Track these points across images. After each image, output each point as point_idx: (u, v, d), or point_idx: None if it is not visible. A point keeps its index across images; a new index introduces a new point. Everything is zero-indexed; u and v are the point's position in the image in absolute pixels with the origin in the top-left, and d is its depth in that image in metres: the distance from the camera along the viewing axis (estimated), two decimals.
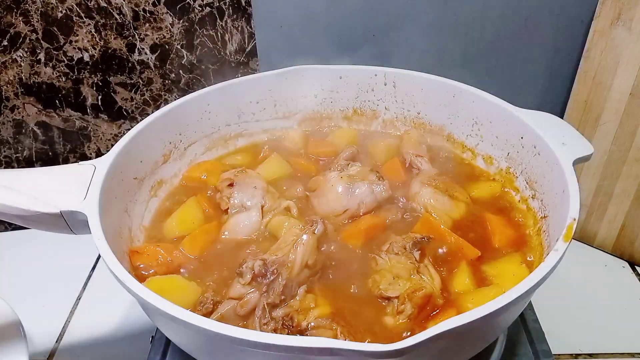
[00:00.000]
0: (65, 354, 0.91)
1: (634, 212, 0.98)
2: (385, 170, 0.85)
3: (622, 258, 1.05)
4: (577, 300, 0.96)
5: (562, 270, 0.60)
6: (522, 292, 0.54)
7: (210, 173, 0.87)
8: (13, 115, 1.07)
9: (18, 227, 1.06)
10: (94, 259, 1.08)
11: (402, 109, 0.96)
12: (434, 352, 0.56)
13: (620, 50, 0.92)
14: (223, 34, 1.02)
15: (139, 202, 0.80)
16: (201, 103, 0.89)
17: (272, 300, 0.63)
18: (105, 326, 0.93)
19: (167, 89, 1.07)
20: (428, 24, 1.01)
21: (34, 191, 0.67)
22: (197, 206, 0.81)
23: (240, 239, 0.75)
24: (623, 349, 0.88)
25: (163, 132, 0.85)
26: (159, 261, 0.71)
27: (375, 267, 0.69)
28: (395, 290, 0.65)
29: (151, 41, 1.01)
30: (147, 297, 0.55)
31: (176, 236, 0.77)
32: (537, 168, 0.77)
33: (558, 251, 0.59)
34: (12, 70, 1.02)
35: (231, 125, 0.94)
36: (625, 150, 0.95)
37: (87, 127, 1.10)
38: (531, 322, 0.78)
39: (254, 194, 0.78)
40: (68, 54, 1.02)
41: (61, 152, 1.12)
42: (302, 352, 0.51)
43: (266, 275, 0.63)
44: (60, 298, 1.00)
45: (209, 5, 0.99)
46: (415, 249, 0.69)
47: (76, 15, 0.98)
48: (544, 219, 0.74)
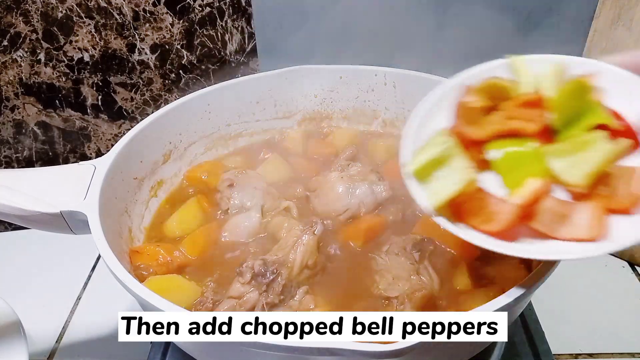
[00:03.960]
0: (65, 354, 0.91)
1: None
2: (385, 170, 0.85)
3: (622, 258, 1.04)
4: (577, 300, 0.96)
5: (562, 270, 0.60)
6: (522, 293, 0.54)
7: (210, 173, 0.87)
8: (13, 115, 1.07)
9: (18, 227, 1.06)
10: (94, 259, 1.08)
11: (402, 109, 0.96)
12: (433, 352, 0.57)
13: (620, 50, 0.92)
14: (223, 34, 1.02)
15: (139, 202, 0.80)
16: (201, 103, 0.89)
17: (271, 299, 0.63)
18: (105, 326, 0.93)
19: (167, 89, 1.07)
20: (428, 23, 1.01)
21: (34, 191, 0.67)
22: (197, 206, 0.81)
23: (240, 239, 0.75)
24: (623, 349, 0.88)
25: (163, 132, 0.85)
26: (159, 261, 0.71)
27: (375, 268, 0.69)
28: (395, 290, 0.65)
29: (151, 41, 1.01)
30: (147, 297, 0.55)
31: (176, 236, 0.77)
32: None
33: None
34: (12, 70, 1.02)
35: (231, 125, 0.94)
36: None
37: (87, 127, 1.10)
38: (531, 322, 0.78)
39: (254, 195, 0.78)
40: (68, 54, 1.02)
41: (61, 152, 1.12)
42: (302, 352, 0.51)
43: (266, 275, 0.64)
44: (60, 298, 1.00)
45: (209, 5, 0.99)
46: (415, 250, 0.69)
47: (76, 15, 0.98)
48: None
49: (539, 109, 0.55)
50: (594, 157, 0.52)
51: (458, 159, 0.55)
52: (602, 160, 0.52)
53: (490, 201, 0.53)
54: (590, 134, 0.53)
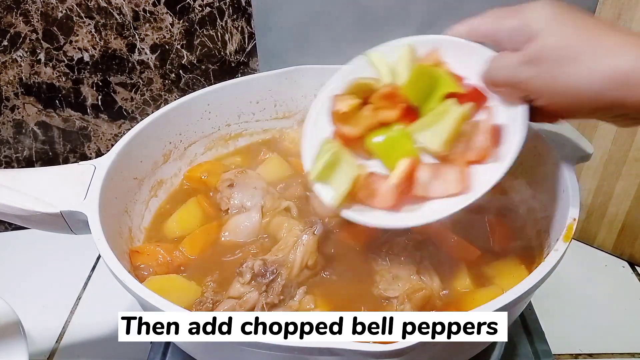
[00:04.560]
0: (65, 354, 0.91)
1: (634, 212, 0.98)
2: None
3: (622, 258, 1.05)
4: (577, 300, 0.96)
5: (562, 270, 0.60)
6: (522, 293, 0.54)
7: (210, 173, 0.87)
8: (13, 115, 1.07)
9: (18, 227, 1.06)
10: (94, 259, 1.08)
11: None
12: (433, 352, 0.57)
13: None
14: (223, 34, 1.02)
15: (139, 202, 0.80)
16: (201, 103, 0.89)
17: (270, 300, 0.63)
18: (105, 326, 0.93)
19: (167, 89, 1.07)
20: (428, 23, 1.01)
21: (34, 191, 0.67)
22: (197, 206, 0.81)
23: (240, 239, 0.75)
24: (623, 349, 0.88)
25: (163, 132, 0.85)
26: (159, 261, 0.71)
27: (375, 268, 0.69)
28: (395, 290, 0.65)
29: (151, 41, 1.01)
30: (147, 297, 0.55)
31: (176, 236, 0.77)
32: (537, 168, 0.77)
33: (558, 251, 0.59)
34: (12, 70, 1.02)
35: (231, 125, 0.94)
36: (625, 150, 0.95)
37: (87, 127, 1.10)
38: (531, 322, 0.78)
39: (254, 195, 0.78)
40: (68, 54, 1.02)
41: (61, 152, 1.12)
42: (302, 352, 0.51)
43: (266, 275, 0.64)
44: (60, 298, 1.00)
45: (209, 5, 0.99)
46: (415, 250, 0.69)
47: (76, 15, 0.98)
48: (544, 219, 0.74)
49: (397, 96, 0.64)
50: (448, 124, 0.61)
51: (346, 158, 0.65)
52: (455, 124, 0.61)
53: (379, 183, 0.63)
54: (443, 104, 0.62)
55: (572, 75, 0.51)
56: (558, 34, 0.52)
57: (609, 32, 0.51)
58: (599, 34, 0.51)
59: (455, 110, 0.61)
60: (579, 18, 0.53)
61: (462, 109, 0.61)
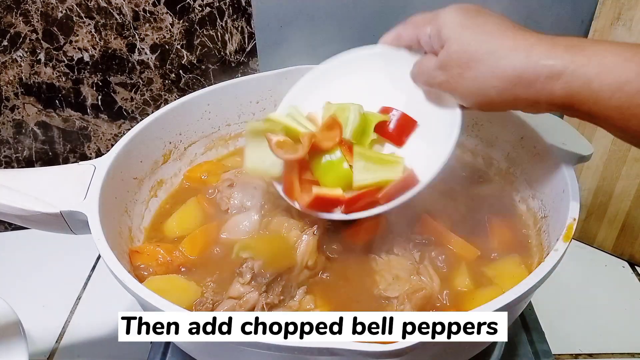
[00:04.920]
0: (65, 354, 0.91)
1: (634, 212, 0.98)
2: None
3: (622, 258, 1.05)
4: (577, 300, 0.96)
5: (562, 270, 0.60)
6: (522, 293, 0.54)
7: (210, 173, 0.87)
8: (13, 115, 1.07)
9: (18, 227, 1.06)
10: (94, 259, 1.08)
11: None
12: (433, 352, 0.57)
13: None
14: (223, 34, 1.02)
15: (139, 202, 0.80)
16: (201, 103, 0.89)
17: (270, 300, 0.63)
18: (105, 326, 0.93)
19: (167, 89, 1.07)
20: None
21: (34, 191, 0.67)
22: (197, 206, 0.81)
23: (240, 239, 0.75)
24: (623, 349, 0.88)
25: (163, 132, 0.85)
26: (158, 261, 0.71)
27: (375, 268, 0.69)
28: (395, 290, 0.65)
29: (151, 41, 1.01)
30: (147, 297, 0.55)
31: (176, 236, 0.77)
32: (537, 168, 0.77)
33: (558, 251, 0.59)
34: (12, 70, 1.02)
35: (231, 125, 0.94)
36: (625, 150, 0.95)
37: (87, 127, 1.10)
38: (531, 322, 0.79)
39: (254, 195, 0.78)
40: (68, 54, 1.02)
41: (61, 152, 1.12)
42: (302, 352, 0.51)
43: (266, 275, 0.63)
44: (60, 298, 1.00)
45: (209, 5, 0.99)
46: (415, 250, 0.69)
47: (76, 15, 0.98)
48: (544, 219, 0.74)
49: (335, 130, 0.68)
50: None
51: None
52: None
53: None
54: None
55: (476, 78, 0.56)
56: (462, 40, 0.57)
57: (508, 35, 0.55)
58: (499, 37, 0.55)
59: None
60: (484, 23, 0.57)
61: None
